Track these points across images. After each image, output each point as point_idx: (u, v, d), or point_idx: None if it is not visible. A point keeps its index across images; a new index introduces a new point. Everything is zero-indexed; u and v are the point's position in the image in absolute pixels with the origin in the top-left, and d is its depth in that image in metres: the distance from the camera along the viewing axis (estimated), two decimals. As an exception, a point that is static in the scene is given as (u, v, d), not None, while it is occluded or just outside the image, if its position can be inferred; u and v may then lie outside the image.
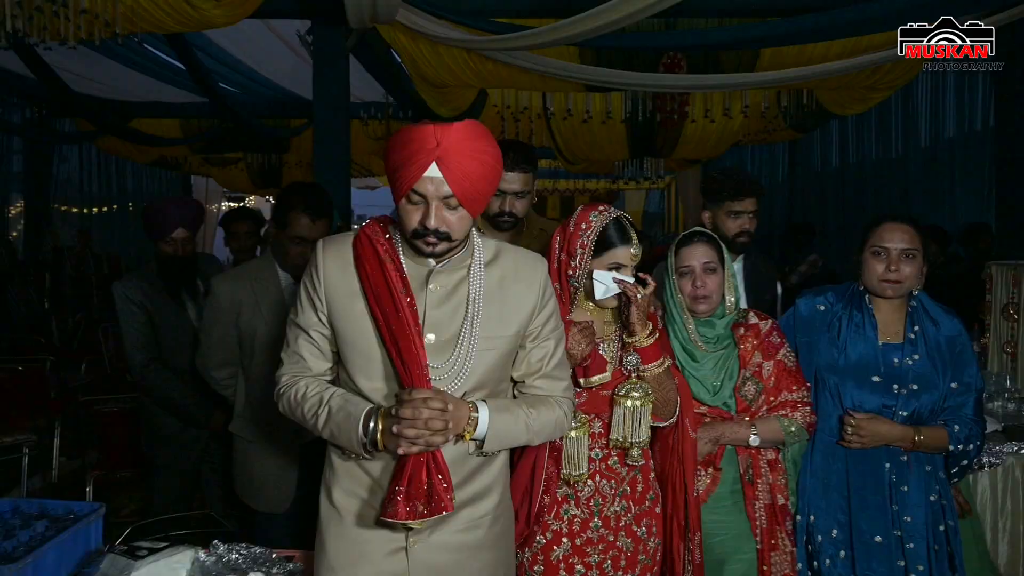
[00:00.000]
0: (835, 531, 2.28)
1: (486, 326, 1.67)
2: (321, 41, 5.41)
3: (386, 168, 1.63)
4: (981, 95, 6.11)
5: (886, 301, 2.34)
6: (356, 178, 11.58)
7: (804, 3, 5.20)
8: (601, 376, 2.02)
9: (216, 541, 1.84)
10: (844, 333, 2.34)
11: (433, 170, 1.55)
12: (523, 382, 1.78)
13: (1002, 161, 5.65)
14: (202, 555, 1.79)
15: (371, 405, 1.62)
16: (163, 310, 3.18)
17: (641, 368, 2.02)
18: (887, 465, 2.27)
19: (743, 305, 2.74)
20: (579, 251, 2.02)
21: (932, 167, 6.79)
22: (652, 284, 2.01)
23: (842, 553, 2.26)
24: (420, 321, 1.63)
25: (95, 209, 12.38)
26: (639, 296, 1.97)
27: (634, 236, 2.02)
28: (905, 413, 2.25)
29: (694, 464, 2.13)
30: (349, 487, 1.69)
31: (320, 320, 1.70)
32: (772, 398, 2.23)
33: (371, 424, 1.58)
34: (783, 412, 2.21)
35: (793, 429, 2.19)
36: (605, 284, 1.98)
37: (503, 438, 1.67)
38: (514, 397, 1.80)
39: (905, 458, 2.27)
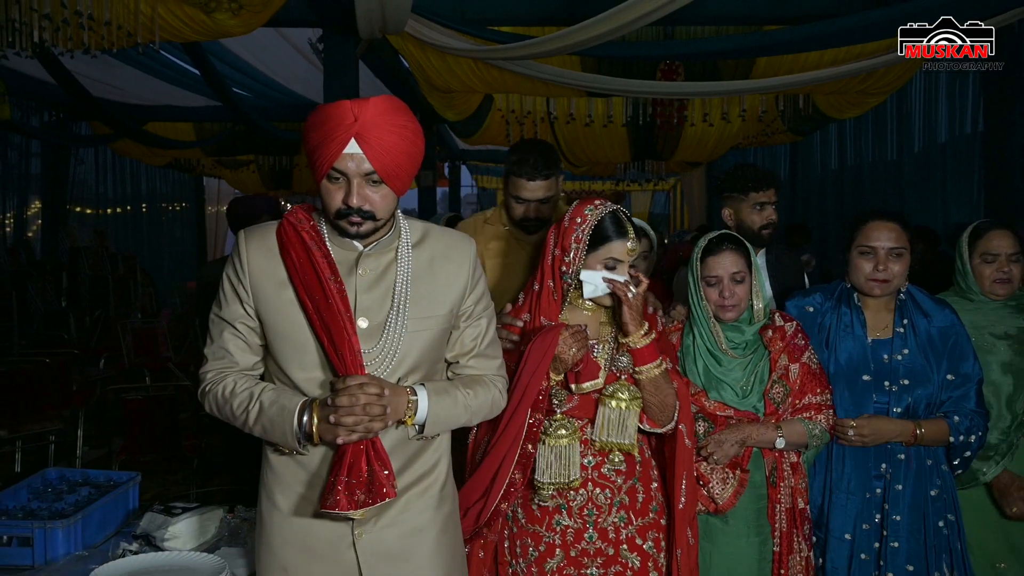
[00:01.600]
0: (820, 534, 2.26)
1: (417, 307, 1.64)
2: (332, 49, 5.61)
3: (305, 149, 1.60)
4: (971, 100, 6.27)
5: (874, 298, 2.30)
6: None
7: (796, 12, 5.42)
8: (593, 382, 1.93)
9: (240, 506, 2.06)
10: (833, 333, 2.30)
11: (352, 146, 1.51)
12: (456, 362, 1.75)
13: (991, 164, 5.82)
14: (228, 517, 2.01)
15: (305, 398, 1.57)
16: None
17: (635, 370, 1.94)
18: (883, 466, 2.23)
19: (772, 305, 2.69)
20: (573, 246, 1.94)
21: (925, 170, 6.96)
22: (644, 282, 1.93)
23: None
24: (351, 306, 1.59)
25: (109, 210, 12.64)
26: (630, 295, 1.89)
27: (631, 230, 1.93)
28: (899, 409, 2.21)
29: (691, 475, 2.04)
30: (290, 484, 1.63)
31: (246, 312, 1.64)
32: (797, 401, 2.17)
33: (305, 417, 1.53)
34: (807, 415, 2.15)
35: (817, 431, 2.14)
36: (594, 283, 1.91)
37: (443, 421, 1.65)
38: (447, 379, 1.76)
39: (903, 456, 2.22)
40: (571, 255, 1.94)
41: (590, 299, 1.95)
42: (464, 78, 5.94)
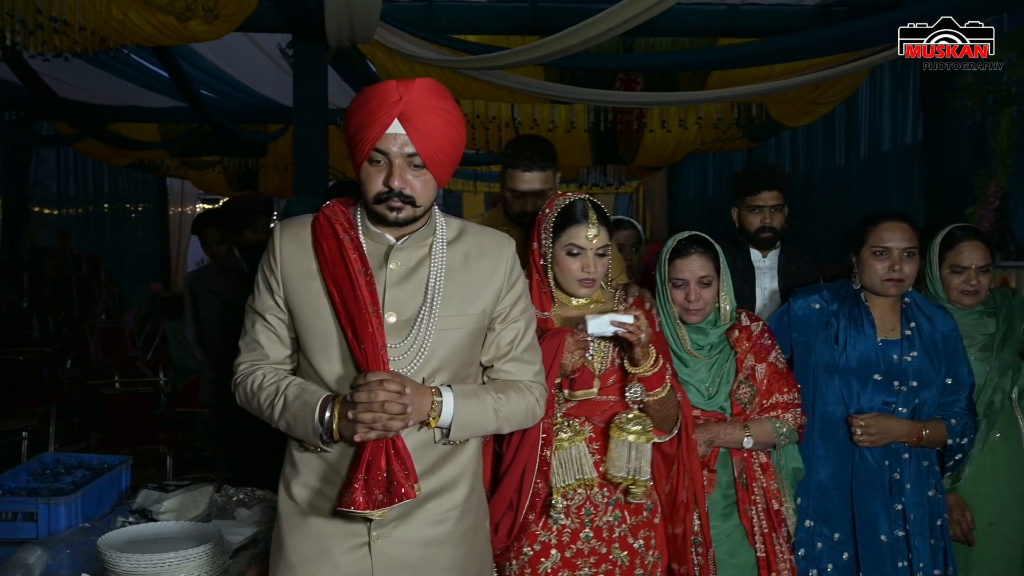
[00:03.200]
0: (838, 534, 2.26)
1: (448, 305, 1.61)
2: (301, 55, 5.74)
3: (346, 135, 1.57)
4: (912, 110, 6.62)
5: (881, 298, 2.32)
6: (334, 181, 11.88)
7: (748, 27, 5.72)
8: (586, 392, 1.93)
9: (226, 485, 2.23)
10: (843, 332, 2.31)
11: (396, 127, 1.51)
12: (492, 366, 1.71)
13: (929, 172, 6.16)
14: (216, 495, 2.18)
15: (328, 393, 1.56)
16: (239, 298, 3.60)
17: (647, 395, 1.94)
18: (886, 463, 2.25)
19: (762, 301, 2.72)
20: (542, 235, 1.97)
21: (870, 176, 7.30)
22: (641, 316, 1.89)
23: (845, 555, 2.25)
24: (380, 300, 1.57)
25: (71, 210, 12.56)
26: (643, 336, 1.86)
27: (594, 218, 1.92)
28: (905, 410, 2.25)
29: (702, 479, 2.09)
30: (309, 480, 1.61)
31: (276, 303, 1.64)
32: (764, 400, 2.19)
33: (327, 412, 1.52)
34: (774, 414, 2.17)
35: (784, 430, 2.16)
36: (600, 330, 1.86)
37: (470, 425, 1.60)
38: (483, 383, 1.71)
39: (907, 455, 2.26)
40: (543, 245, 1.97)
41: (594, 335, 1.90)
42: (430, 84, 6.11)
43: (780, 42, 5.02)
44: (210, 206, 17.24)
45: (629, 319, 1.84)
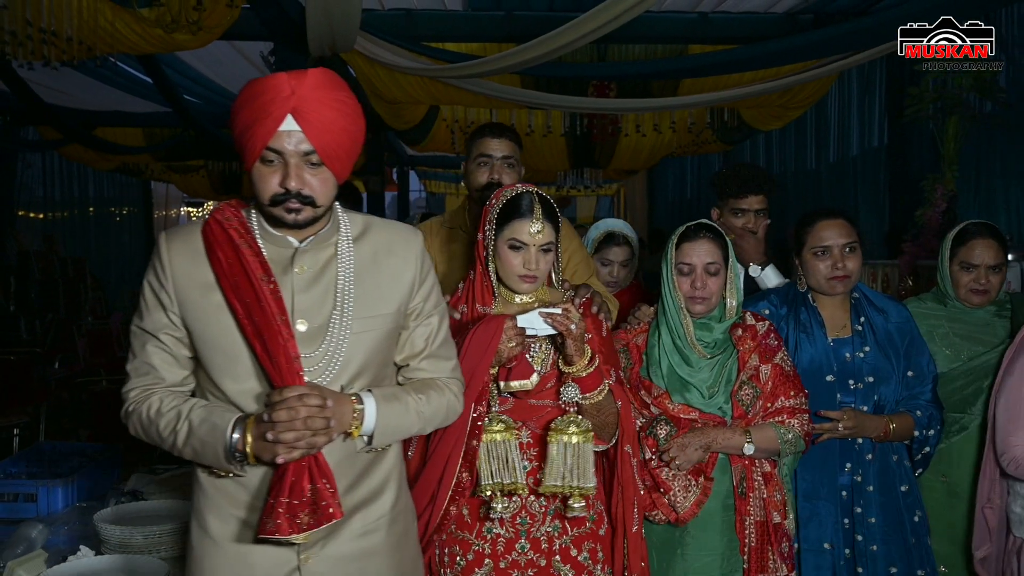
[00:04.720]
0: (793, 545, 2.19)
1: (361, 306, 1.52)
2: (283, 61, 5.88)
3: (234, 133, 1.44)
4: (878, 115, 6.84)
5: (829, 297, 2.28)
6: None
7: (718, 35, 5.93)
8: (522, 383, 1.83)
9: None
10: (792, 336, 2.26)
11: (289, 123, 1.39)
12: (407, 365, 1.63)
13: (893, 176, 6.39)
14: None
15: (238, 414, 1.44)
16: None
17: (582, 397, 1.85)
18: (848, 465, 2.21)
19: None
20: (487, 227, 1.89)
21: (839, 179, 7.52)
22: (571, 308, 1.81)
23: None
24: (288, 308, 1.46)
25: (57, 214, 12.64)
26: (573, 327, 1.79)
27: (539, 213, 1.83)
28: (866, 408, 2.21)
29: (636, 494, 1.94)
30: (224, 509, 1.50)
31: (171, 321, 1.49)
32: (769, 404, 2.07)
33: (236, 435, 1.41)
34: (779, 419, 2.05)
35: (790, 437, 2.03)
36: (531, 324, 1.80)
37: (394, 430, 1.53)
38: (399, 383, 1.64)
39: (870, 456, 2.20)
40: (486, 237, 1.89)
41: (532, 336, 1.83)
42: (410, 90, 6.29)
43: (752, 49, 5.23)
44: (194, 209, 17.39)
45: (557, 310, 1.79)
